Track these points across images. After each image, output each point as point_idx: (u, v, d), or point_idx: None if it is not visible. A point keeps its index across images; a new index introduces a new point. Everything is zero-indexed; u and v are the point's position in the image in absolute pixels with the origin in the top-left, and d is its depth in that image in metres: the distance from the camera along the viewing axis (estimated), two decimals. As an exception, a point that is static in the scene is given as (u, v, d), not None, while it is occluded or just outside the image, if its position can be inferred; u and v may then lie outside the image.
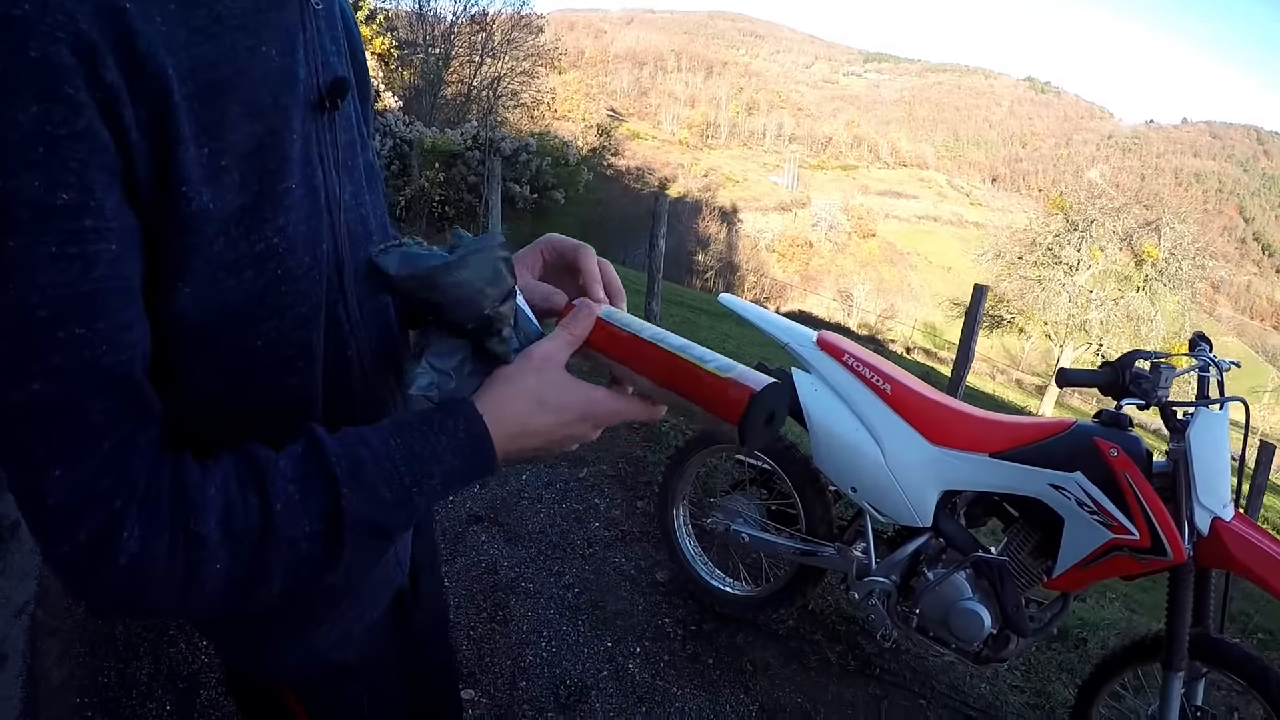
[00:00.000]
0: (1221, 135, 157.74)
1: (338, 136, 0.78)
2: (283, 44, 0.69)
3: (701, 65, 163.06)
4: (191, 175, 0.60)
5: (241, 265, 0.66)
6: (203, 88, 0.61)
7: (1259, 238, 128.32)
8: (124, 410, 0.58)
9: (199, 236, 0.62)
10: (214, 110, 0.62)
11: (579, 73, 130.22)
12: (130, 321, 0.58)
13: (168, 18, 0.59)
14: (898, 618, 2.61)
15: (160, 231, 0.60)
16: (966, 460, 2.39)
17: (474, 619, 2.97)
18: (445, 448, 0.68)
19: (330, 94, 0.75)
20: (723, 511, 2.99)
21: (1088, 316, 28.08)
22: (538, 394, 0.73)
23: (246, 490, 0.61)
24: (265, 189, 0.67)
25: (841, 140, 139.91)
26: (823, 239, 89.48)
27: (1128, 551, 2.14)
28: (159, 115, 0.58)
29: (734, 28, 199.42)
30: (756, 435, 0.70)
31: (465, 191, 12.75)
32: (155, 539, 0.57)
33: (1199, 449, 2.10)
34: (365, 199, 0.84)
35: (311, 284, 0.74)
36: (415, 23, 26.49)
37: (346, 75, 0.78)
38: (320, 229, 0.74)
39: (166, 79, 0.58)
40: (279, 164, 0.68)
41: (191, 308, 0.64)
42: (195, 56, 0.60)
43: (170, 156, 0.59)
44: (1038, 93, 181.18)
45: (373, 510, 0.64)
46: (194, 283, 0.63)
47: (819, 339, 2.70)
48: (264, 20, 0.67)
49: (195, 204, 0.61)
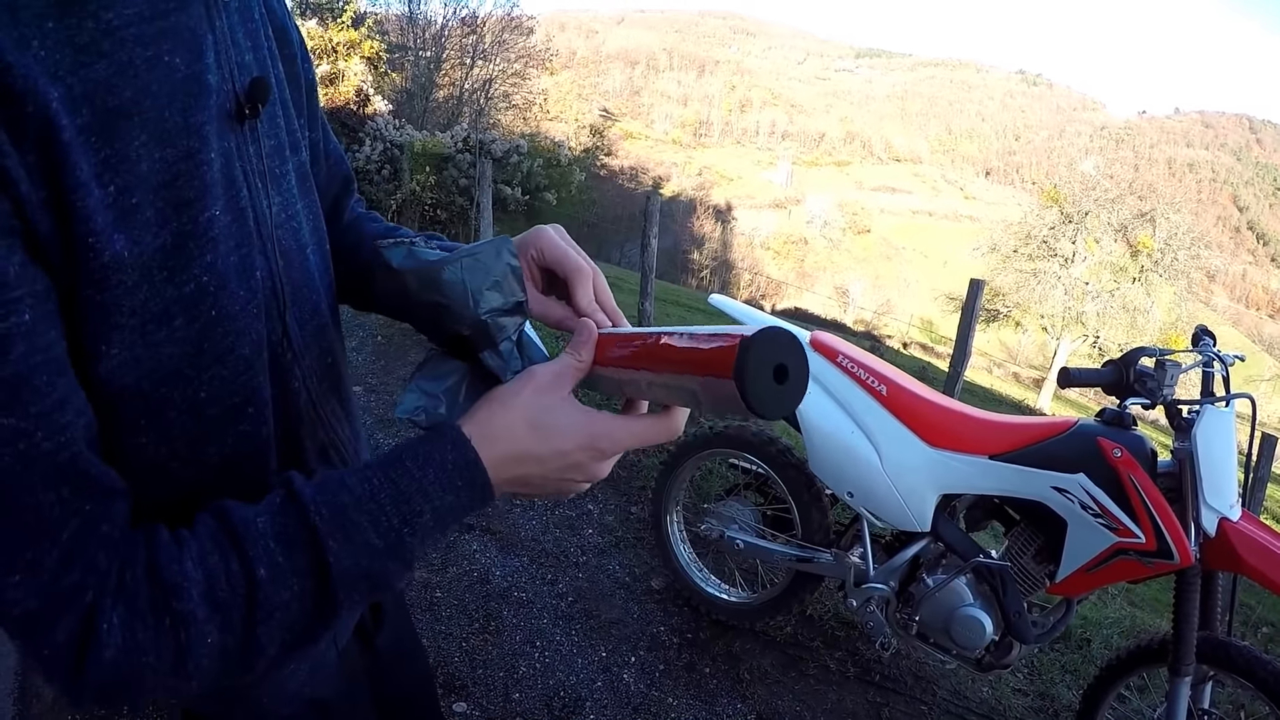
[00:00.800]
0: (1214, 124, 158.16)
1: (261, 145, 0.69)
2: (188, 50, 0.60)
3: (694, 64, 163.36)
4: (98, 222, 0.53)
5: (170, 313, 0.59)
6: (99, 116, 0.53)
7: (1253, 226, 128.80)
8: (75, 497, 0.52)
9: (118, 290, 0.55)
10: (115, 141, 0.54)
11: (571, 73, 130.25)
12: (64, 397, 0.52)
13: (46, 39, 0.50)
14: (897, 625, 2.56)
15: (72, 291, 0.53)
16: (965, 463, 2.33)
17: (466, 629, 2.92)
18: (433, 481, 0.61)
19: (250, 99, 0.66)
20: (717, 517, 2.94)
21: (1084, 309, 28.17)
22: (534, 416, 0.65)
23: (227, 558, 0.56)
24: (186, 223, 0.59)
25: (835, 136, 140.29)
26: (817, 236, 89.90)
27: (1133, 555, 2.09)
28: (50, 159, 0.50)
29: (725, 25, 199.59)
30: (765, 396, 0.54)
31: (456, 194, 12.70)
32: (138, 626, 0.52)
33: (1205, 448, 2.05)
34: (297, 208, 0.76)
35: (250, 320, 0.66)
36: (406, 26, 26.47)
37: (265, 74, 0.70)
38: (252, 256, 0.67)
39: (53, 114, 0.50)
40: (198, 192, 0.60)
41: (123, 370, 0.57)
42: (86, 80, 0.52)
43: (70, 204, 0.51)
44: (1029, 85, 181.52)
45: (363, 560, 0.58)
46: (121, 342, 0.56)
47: (812, 339, 2.64)
48: (163, 26, 0.58)
49: (107, 254, 0.53)
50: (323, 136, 0.90)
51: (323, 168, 0.91)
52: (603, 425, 0.66)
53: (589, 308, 0.74)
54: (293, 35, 0.81)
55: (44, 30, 0.50)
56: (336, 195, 0.97)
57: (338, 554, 0.57)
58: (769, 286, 66.80)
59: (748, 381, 0.53)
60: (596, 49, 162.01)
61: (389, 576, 0.61)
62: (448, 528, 0.63)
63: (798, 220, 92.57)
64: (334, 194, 0.96)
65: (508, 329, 0.68)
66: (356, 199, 1.03)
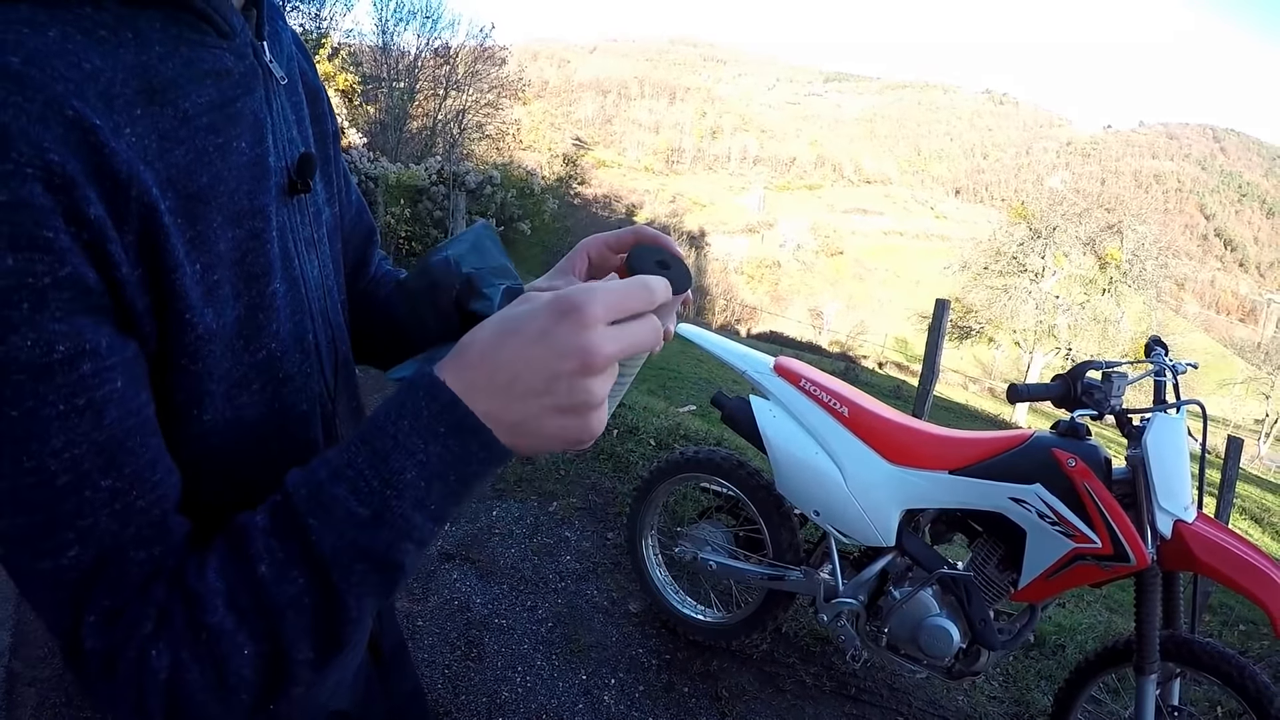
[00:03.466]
0: (1178, 135, 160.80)
1: (306, 214, 0.74)
2: (253, 134, 0.64)
3: (665, 91, 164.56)
4: (192, 298, 0.56)
5: (250, 379, 0.64)
6: (182, 200, 0.56)
7: (1220, 233, 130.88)
8: (163, 555, 0.55)
9: (209, 359, 0.59)
10: (198, 223, 0.57)
11: (543, 103, 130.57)
12: (155, 458, 0.55)
13: (136, 125, 0.53)
14: (867, 637, 2.61)
15: (166, 360, 0.57)
16: (926, 478, 2.40)
17: (448, 656, 2.94)
18: (409, 432, 0.53)
19: (300, 175, 0.70)
20: (691, 540, 2.98)
21: (1055, 322, 28.52)
22: (501, 317, 0.57)
23: (238, 563, 0.53)
24: (255, 295, 0.63)
25: (806, 160, 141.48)
26: (791, 259, 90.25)
27: (1091, 560, 2.16)
28: (151, 241, 0.53)
29: (695, 53, 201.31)
30: None
31: (431, 226, 12.74)
32: (181, 648, 0.52)
33: (1156, 454, 2.13)
34: (330, 268, 0.80)
35: (306, 379, 0.71)
36: (379, 57, 26.51)
37: (310, 148, 0.74)
38: (304, 320, 0.71)
39: (154, 200, 0.53)
40: (264, 267, 0.64)
41: (212, 431, 0.61)
42: (170, 166, 0.55)
43: (168, 283, 0.54)
44: (996, 104, 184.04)
45: (348, 532, 0.53)
46: (211, 406, 0.60)
47: (776, 365, 2.71)
48: (231, 112, 0.62)
49: (200, 327, 0.57)
50: (345, 185, 0.92)
51: (349, 217, 0.94)
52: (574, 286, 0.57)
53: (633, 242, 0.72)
54: (323, 95, 0.84)
55: (134, 117, 0.53)
56: (362, 246, 1.00)
57: (320, 531, 0.52)
58: (744, 311, 66.99)
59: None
60: (569, 78, 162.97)
61: (386, 549, 0.54)
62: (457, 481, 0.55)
63: (771, 244, 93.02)
64: (358, 245, 0.99)
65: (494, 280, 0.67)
66: (382, 255, 1.06)
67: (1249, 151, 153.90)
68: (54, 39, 0.50)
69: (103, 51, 0.52)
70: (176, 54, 0.57)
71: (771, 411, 2.66)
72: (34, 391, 0.47)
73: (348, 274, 0.95)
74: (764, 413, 2.66)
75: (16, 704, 2.61)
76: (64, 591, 0.51)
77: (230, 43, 0.63)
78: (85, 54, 0.51)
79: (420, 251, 12.89)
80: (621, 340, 0.55)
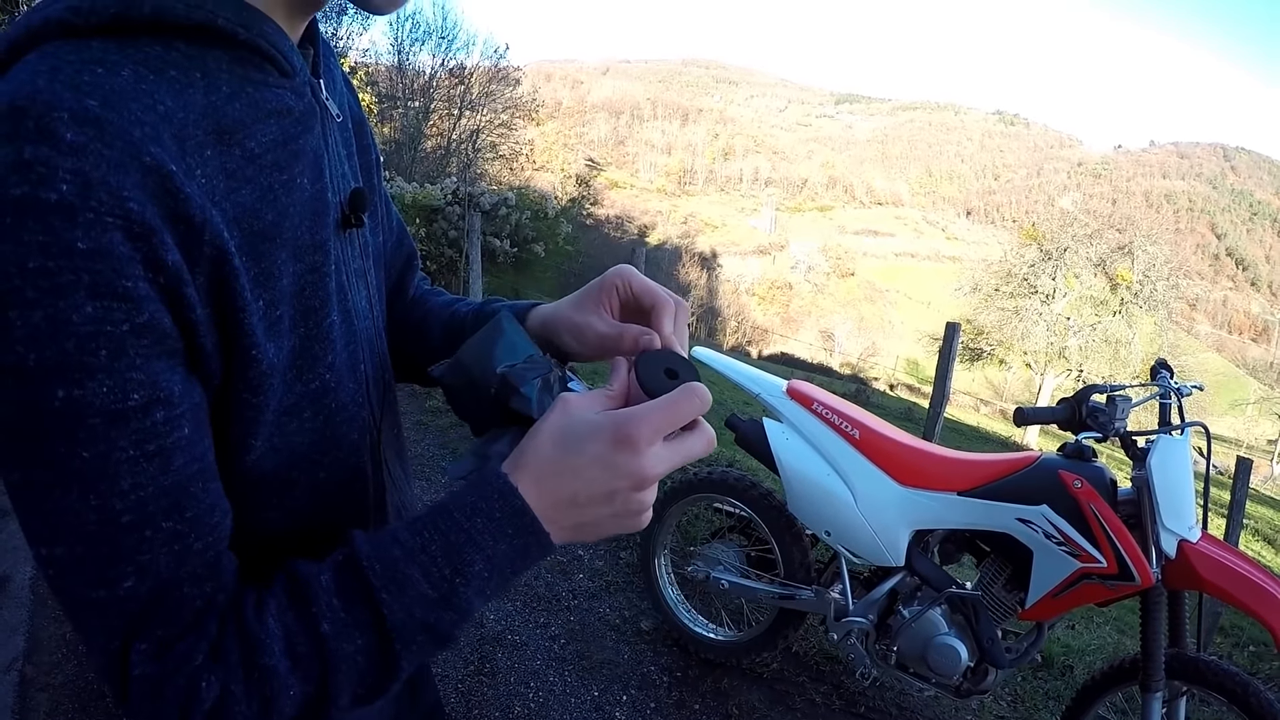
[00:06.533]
0: (1189, 155, 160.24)
1: (356, 247, 0.75)
2: (313, 170, 0.65)
3: (677, 113, 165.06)
4: (258, 335, 0.57)
5: (300, 407, 0.65)
6: (248, 238, 0.57)
7: (1232, 253, 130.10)
8: (215, 591, 0.57)
9: (268, 392, 0.60)
10: (263, 260, 0.58)
11: (557, 123, 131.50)
12: (215, 502, 0.57)
13: (206, 166, 0.53)
14: (877, 656, 2.65)
15: (228, 394, 0.58)
16: (935, 500, 2.45)
17: (462, 672, 2.98)
18: (483, 530, 0.59)
19: (353, 209, 0.71)
20: (703, 559, 3.03)
21: (1066, 344, 28.35)
22: (559, 433, 0.62)
23: (298, 615, 0.57)
24: (312, 328, 0.65)
25: (817, 182, 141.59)
26: (802, 280, 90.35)
27: (1097, 579, 2.20)
28: (221, 282, 0.54)
29: (708, 74, 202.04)
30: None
31: (446, 246, 12.77)
32: (232, 682, 0.54)
33: (1160, 475, 2.17)
34: (377, 298, 0.81)
35: (358, 408, 0.73)
36: (395, 77, 26.74)
37: (360, 183, 0.76)
38: (357, 351, 0.73)
39: (224, 242, 0.53)
40: (322, 300, 0.65)
41: (264, 460, 0.63)
42: (237, 205, 0.56)
43: (237, 322, 0.56)
44: (1007, 125, 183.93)
45: (418, 611, 0.58)
46: (264, 435, 0.62)
47: (789, 388, 2.77)
48: (294, 150, 0.62)
49: (264, 362, 0.58)
50: (386, 211, 0.93)
51: (390, 243, 0.96)
52: (627, 412, 0.62)
53: (669, 337, 0.75)
54: (366, 126, 0.85)
55: (204, 159, 0.53)
56: (402, 271, 1.00)
57: (391, 606, 0.57)
58: (755, 333, 67.01)
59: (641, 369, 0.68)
60: (581, 99, 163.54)
61: (448, 626, 0.60)
62: (512, 573, 0.62)
63: (782, 265, 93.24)
64: (399, 269, 1.00)
65: (528, 374, 0.71)
66: (421, 275, 1.06)
67: (1260, 170, 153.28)
68: (128, 79, 0.50)
69: (174, 92, 0.52)
70: (243, 94, 0.58)
71: (784, 434, 2.71)
72: (107, 436, 0.49)
73: (388, 298, 0.96)
74: (777, 435, 2.72)
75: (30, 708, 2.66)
76: (115, 620, 0.53)
77: (291, 81, 0.64)
78: (159, 95, 0.51)
79: (435, 271, 12.98)
80: (674, 458, 0.63)
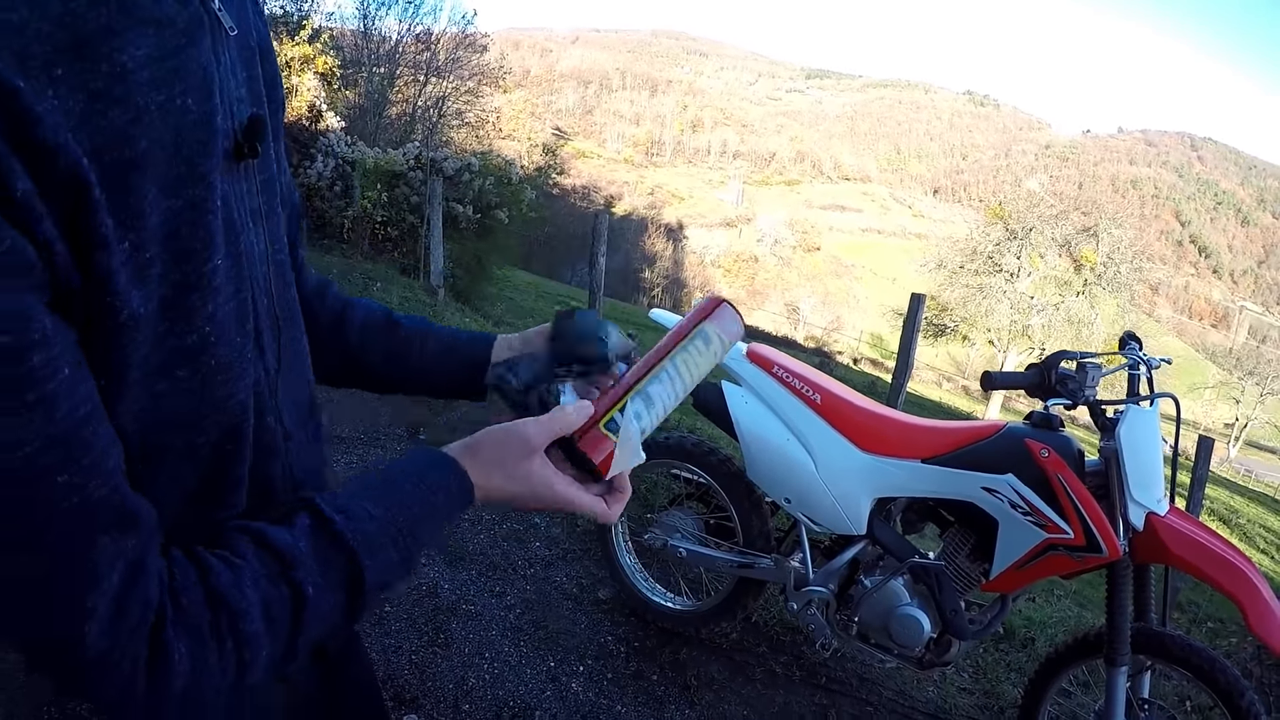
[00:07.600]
0: (1156, 143, 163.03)
1: (254, 183, 0.67)
2: (200, 90, 0.56)
3: (646, 83, 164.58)
4: (119, 281, 0.50)
5: (173, 365, 0.57)
6: (114, 169, 0.49)
7: (1195, 240, 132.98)
8: (123, 536, 0.51)
9: (129, 347, 0.53)
10: (130, 195, 0.50)
11: (525, 92, 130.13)
12: (106, 443, 0.50)
13: (58, 85, 0.45)
14: (838, 626, 2.59)
15: (87, 348, 0.50)
16: (898, 467, 2.38)
17: (415, 642, 2.90)
18: (442, 506, 0.70)
19: (249, 138, 0.63)
20: (661, 527, 2.96)
21: (1029, 322, 28.79)
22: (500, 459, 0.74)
23: (278, 582, 0.59)
24: (189, 274, 0.56)
25: (785, 156, 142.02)
26: (768, 253, 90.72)
27: (1063, 550, 2.15)
28: (77, 215, 0.47)
29: (678, 46, 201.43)
30: None
31: (408, 212, 12.58)
32: (206, 651, 0.54)
33: (1130, 446, 2.12)
34: (281, 242, 0.75)
35: (245, 364, 0.65)
36: (360, 41, 26.26)
37: (261, 109, 0.67)
38: (247, 301, 0.65)
39: (83, 171, 0.46)
40: (203, 242, 0.57)
41: (129, 424, 0.56)
42: (101, 129, 0.48)
43: (94, 263, 0.49)
44: (977, 105, 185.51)
45: (385, 573, 0.65)
46: (129, 396, 0.55)
47: (748, 351, 2.69)
48: (175, 65, 0.53)
49: (125, 312, 0.51)
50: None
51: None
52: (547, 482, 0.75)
53: None
54: (272, 55, 0.76)
55: (54, 76, 0.45)
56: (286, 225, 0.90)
57: (371, 570, 0.64)
58: (722, 304, 67.17)
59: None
60: (550, 68, 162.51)
61: (396, 583, 0.68)
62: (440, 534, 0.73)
63: (748, 238, 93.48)
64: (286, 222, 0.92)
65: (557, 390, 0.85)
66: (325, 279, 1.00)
67: (1226, 161, 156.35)
68: None
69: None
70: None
71: (743, 398, 2.63)
72: None
73: None
74: (736, 399, 2.63)
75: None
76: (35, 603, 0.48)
77: None
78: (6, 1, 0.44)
79: (396, 237, 12.81)
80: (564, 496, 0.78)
